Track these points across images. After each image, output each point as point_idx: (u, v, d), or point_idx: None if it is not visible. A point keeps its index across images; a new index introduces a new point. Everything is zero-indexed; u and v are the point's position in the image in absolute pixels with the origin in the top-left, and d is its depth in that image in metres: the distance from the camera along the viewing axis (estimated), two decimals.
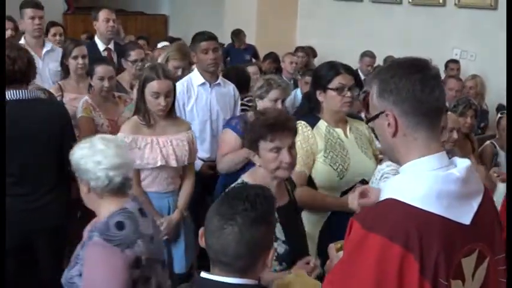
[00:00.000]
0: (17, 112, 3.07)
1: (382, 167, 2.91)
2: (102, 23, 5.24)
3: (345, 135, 3.16)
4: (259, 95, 3.57)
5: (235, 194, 1.68)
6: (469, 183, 1.58)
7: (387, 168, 2.83)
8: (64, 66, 4.39)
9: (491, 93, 6.74)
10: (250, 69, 6.32)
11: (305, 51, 8.11)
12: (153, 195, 3.38)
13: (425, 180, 1.54)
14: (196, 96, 4.07)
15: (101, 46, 5.25)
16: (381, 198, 1.62)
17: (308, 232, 2.79)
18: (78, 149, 2.35)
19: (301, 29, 10.22)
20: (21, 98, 3.14)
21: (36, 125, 3.14)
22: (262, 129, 2.43)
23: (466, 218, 1.55)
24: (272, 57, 7.58)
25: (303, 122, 3.08)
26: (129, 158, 2.41)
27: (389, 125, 1.60)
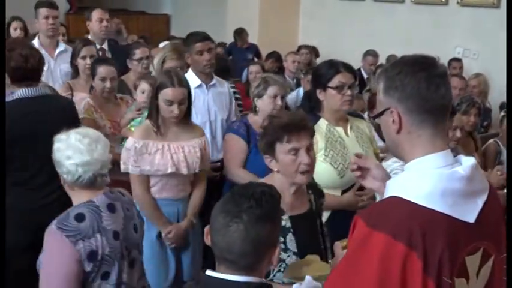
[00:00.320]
0: (30, 108, 3.08)
1: (389, 163, 2.90)
2: (95, 23, 5.17)
3: (346, 133, 3.16)
4: (258, 94, 3.53)
5: (241, 191, 1.67)
6: (474, 181, 1.57)
7: (395, 165, 2.83)
8: (73, 66, 4.38)
9: (494, 92, 6.73)
10: (252, 68, 6.35)
11: (308, 48, 8.10)
12: (162, 202, 3.29)
13: (430, 178, 1.54)
14: (193, 98, 3.95)
15: None
16: (385, 196, 1.62)
17: None
18: (56, 141, 2.38)
19: (304, 28, 10.22)
20: (34, 95, 3.16)
21: (48, 120, 3.13)
22: (277, 130, 2.34)
23: (470, 216, 1.55)
24: (275, 56, 7.57)
25: None
26: (103, 154, 2.37)
27: (393, 121, 1.60)
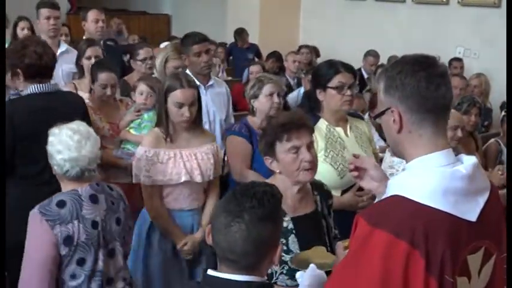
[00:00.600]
0: (41, 104, 3.10)
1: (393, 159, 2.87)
2: (91, 23, 5.12)
3: (345, 134, 3.15)
4: (253, 95, 3.52)
5: (243, 191, 1.67)
6: (476, 180, 1.58)
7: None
8: (79, 66, 4.36)
9: (495, 91, 6.72)
10: (253, 69, 6.35)
11: (309, 48, 8.10)
12: (176, 213, 3.15)
13: (431, 177, 1.54)
14: None
15: None
16: (386, 195, 1.62)
17: None
18: (50, 134, 2.51)
19: (304, 28, 10.22)
20: (44, 91, 3.24)
21: (58, 116, 3.12)
22: (276, 130, 2.31)
23: (472, 214, 1.55)
24: (275, 56, 7.56)
25: None
26: (91, 151, 2.48)
27: (394, 121, 1.60)
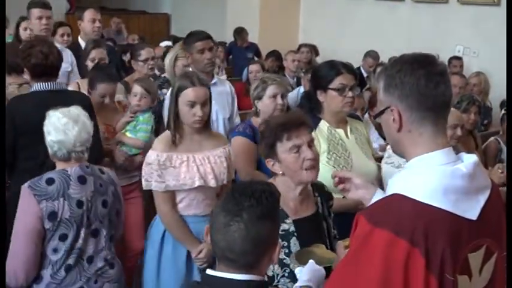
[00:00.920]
0: (45, 101, 3.09)
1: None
2: (88, 23, 5.06)
3: (346, 135, 3.12)
4: (257, 96, 3.50)
5: (241, 190, 1.67)
6: (476, 178, 1.58)
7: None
8: (83, 66, 4.34)
9: (494, 90, 6.72)
10: (252, 68, 6.33)
11: (309, 47, 8.10)
12: (189, 220, 3.03)
13: (431, 175, 1.54)
14: None
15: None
16: (387, 193, 1.62)
17: None
18: (46, 116, 2.63)
19: (304, 27, 10.22)
20: (50, 89, 3.32)
21: None
22: (275, 130, 2.28)
23: (473, 213, 1.55)
24: (275, 55, 7.56)
25: None
26: (78, 135, 2.58)
27: (394, 120, 1.60)
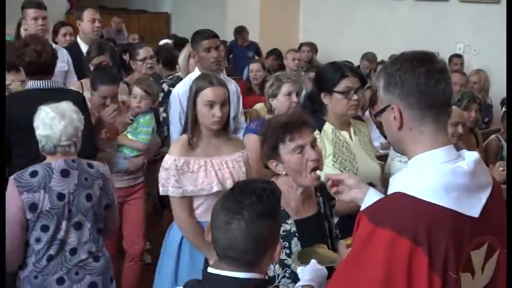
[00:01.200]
0: (38, 98, 3.06)
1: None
2: (87, 23, 4.99)
3: (350, 138, 3.09)
4: (272, 94, 3.48)
5: (242, 188, 1.67)
6: (478, 176, 1.57)
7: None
8: (86, 66, 4.33)
9: (495, 88, 6.73)
10: (253, 66, 6.31)
11: (309, 46, 8.09)
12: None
13: (433, 173, 1.54)
14: None
15: (83, 47, 4.89)
16: (389, 192, 1.62)
17: None
18: (37, 110, 2.71)
19: (304, 26, 10.21)
20: (44, 87, 3.33)
21: None
22: (278, 131, 2.26)
23: (474, 210, 1.55)
24: (275, 53, 7.55)
25: None
26: (64, 130, 2.65)
27: (394, 118, 1.60)
